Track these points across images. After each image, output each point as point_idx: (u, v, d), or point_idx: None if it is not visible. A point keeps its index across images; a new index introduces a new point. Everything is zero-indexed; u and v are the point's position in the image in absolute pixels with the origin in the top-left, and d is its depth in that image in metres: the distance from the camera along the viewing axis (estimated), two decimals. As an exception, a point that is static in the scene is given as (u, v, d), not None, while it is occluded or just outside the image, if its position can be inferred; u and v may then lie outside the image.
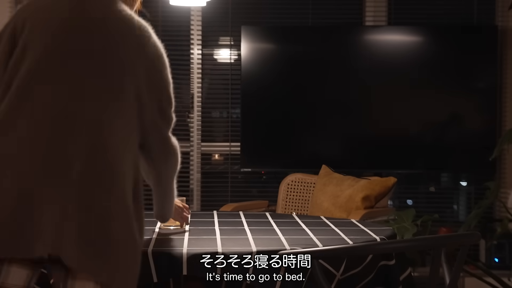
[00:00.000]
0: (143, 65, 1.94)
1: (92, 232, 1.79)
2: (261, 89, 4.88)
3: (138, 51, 1.94)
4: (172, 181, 2.22)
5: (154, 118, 2.00)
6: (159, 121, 2.02)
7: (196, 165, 5.04)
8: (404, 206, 5.09)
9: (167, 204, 2.27)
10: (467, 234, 2.40)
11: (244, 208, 4.29)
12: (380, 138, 4.89)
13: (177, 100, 5.08)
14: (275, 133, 4.91)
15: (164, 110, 2.03)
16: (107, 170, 1.83)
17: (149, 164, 2.11)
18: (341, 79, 4.89)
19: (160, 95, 2.00)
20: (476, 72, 4.88)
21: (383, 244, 2.35)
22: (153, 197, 2.26)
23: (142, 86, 1.94)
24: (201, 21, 5.04)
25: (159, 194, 2.24)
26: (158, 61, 1.98)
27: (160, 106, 2.01)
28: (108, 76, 1.89)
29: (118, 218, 1.83)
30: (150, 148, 2.05)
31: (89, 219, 1.79)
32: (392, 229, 2.88)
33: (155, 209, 2.31)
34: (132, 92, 1.92)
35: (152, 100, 1.97)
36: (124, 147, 1.89)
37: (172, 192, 2.25)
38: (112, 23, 1.93)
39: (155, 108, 1.99)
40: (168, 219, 2.34)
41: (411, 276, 2.58)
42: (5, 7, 4.87)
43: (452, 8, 5.13)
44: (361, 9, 5.12)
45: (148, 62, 1.95)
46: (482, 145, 4.76)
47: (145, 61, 1.95)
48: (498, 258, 4.74)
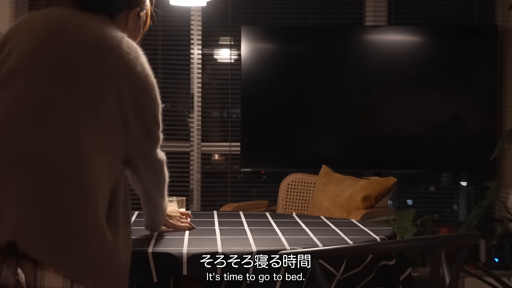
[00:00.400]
0: (129, 82, 1.94)
1: (55, 226, 1.78)
2: (261, 89, 4.88)
3: (125, 68, 1.93)
4: (160, 195, 2.23)
5: (138, 136, 1.99)
6: (144, 141, 2.02)
7: (196, 165, 5.04)
8: (404, 206, 5.09)
9: (157, 214, 2.29)
10: (467, 234, 2.40)
11: (244, 208, 4.29)
12: (380, 138, 4.89)
13: (177, 100, 5.12)
14: (275, 133, 4.91)
15: (151, 131, 2.03)
16: (77, 167, 1.82)
17: (137, 180, 2.14)
18: (341, 79, 4.90)
19: (147, 114, 1.99)
20: (476, 72, 4.88)
21: (383, 244, 2.35)
22: (142, 207, 2.27)
23: (127, 102, 1.93)
24: (201, 21, 5.04)
25: (147, 206, 2.26)
26: (146, 80, 1.98)
27: (146, 126, 2.00)
28: (88, 83, 1.89)
29: (85, 215, 1.81)
30: (135, 167, 2.06)
31: (52, 213, 1.78)
32: (392, 229, 2.88)
33: (145, 220, 2.32)
34: (113, 102, 1.90)
35: (137, 118, 1.96)
36: (98, 150, 1.87)
37: (162, 204, 2.26)
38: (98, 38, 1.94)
39: (139, 127, 1.98)
40: (158, 229, 2.36)
41: (411, 276, 2.58)
42: (5, 7, 4.87)
43: (452, 8, 5.13)
44: (361, 9, 5.12)
45: (135, 80, 1.95)
46: (482, 145, 4.77)
47: (132, 79, 1.94)
48: (498, 258, 4.74)
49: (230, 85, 5.08)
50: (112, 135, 1.92)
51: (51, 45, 1.92)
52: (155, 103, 2.02)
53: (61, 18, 1.98)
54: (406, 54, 4.90)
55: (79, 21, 1.97)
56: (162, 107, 2.10)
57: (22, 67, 1.90)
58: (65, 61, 1.90)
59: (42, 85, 1.87)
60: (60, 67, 1.90)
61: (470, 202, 5.12)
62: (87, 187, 1.83)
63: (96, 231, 1.83)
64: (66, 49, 1.91)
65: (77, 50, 1.91)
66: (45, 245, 1.78)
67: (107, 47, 1.93)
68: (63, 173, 1.81)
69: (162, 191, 2.23)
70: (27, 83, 1.88)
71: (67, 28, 1.95)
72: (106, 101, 1.90)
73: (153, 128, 2.04)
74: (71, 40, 1.92)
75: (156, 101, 2.02)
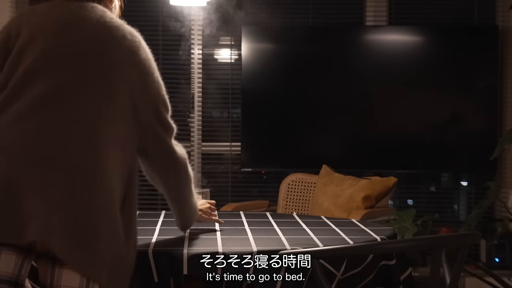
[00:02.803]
0: (136, 68, 1.98)
1: (78, 226, 1.80)
2: (262, 89, 4.88)
3: (131, 55, 1.98)
4: (187, 192, 2.23)
5: (149, 120, 2.02)
6: (156, 125, 2.04)
7: (197, 165, 5.04)
8: (404, 206, 5.09)
9: (187, 214, 2.30)
10: (467, 234, 2.40)
11: (245, 208, 4.29)
12: (381, 138, 4.89)
13: (177, 100, 5.12)
14: (275, 133, 4.91)
15: (160, 113, 2.05)
16: (94, 168, 1.85)
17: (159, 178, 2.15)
18: (341, 79, 4.89)
19: (155, 96, 2.04)
20: (476, 72, 4.88)
21: (383, 244, 2.35)
22: (171, 209, 2.28)
23: (136, 89, 1.98)
24: (202, 21, 5.04)
25: (176, 208, 2.27)
26: (149, 64, 2.03)
27: (156, 108, 2.04)
28: (101, 79, 1.93)
29: (103, 215, 1.84)
30: (152, 157, 2.08)
31: (75, 212, 1.81)
32: (393, 229, 2.88)
33: (176, 221, 2.33)
34: (126, 94, 1.95)
35: (146, 102, 2.01)
36: (115, 147, 1.90)
37: (190, 202, 2.27)
38: (104, 29, 1.98)
39: (150, 110, 2.02)
40: (188, 227, 2.37)
41: (412, 276, 2.58)
42: (6, 6, 4.87)
43: (453, 8, 5.13)
44: (361, 9, 5.12)
45: (140, 65, 2.00)
46: (483, 145, 4.77)
47: (138, 65, 1.99)
48: (498, 258, 4.74)
49: (230, 85, 5.09)
50: (124, 125, 1.95)
51: (63, 43, 1.94)
52: (159, 85, 2.06)
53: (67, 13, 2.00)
54: (407, 54, 4.90)
55: (83, 14, 1.99)
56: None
57: (38, 67, 1.91)
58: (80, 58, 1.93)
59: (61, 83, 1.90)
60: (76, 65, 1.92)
61: (471, 202, 5.12)
62: (106, 184, 1.86)
63: (112, 230, 1.86)
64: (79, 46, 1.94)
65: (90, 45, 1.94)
66: (68, 244, 1.79)
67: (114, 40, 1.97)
68: (84, 172, 1.84)
69: (187, 185, 2.21)
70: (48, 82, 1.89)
71: (76, 23, 1.97)
72: (119, 95, 1.93)
73: (162, 109, 2.06)
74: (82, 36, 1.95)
75: (160, 83, 2.07)
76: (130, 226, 1.94)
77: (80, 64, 1.92)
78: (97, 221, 1.82)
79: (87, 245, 1.81)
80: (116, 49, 1.96)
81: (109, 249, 1.84)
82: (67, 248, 1.79)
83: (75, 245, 1.80)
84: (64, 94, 1.89)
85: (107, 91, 1.92)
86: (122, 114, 1.94)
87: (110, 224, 1.85)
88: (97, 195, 1.83)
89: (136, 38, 2.01)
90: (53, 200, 1.80)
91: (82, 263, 1.81)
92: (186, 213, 2.31)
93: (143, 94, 1.99)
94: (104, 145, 1.87)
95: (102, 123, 1.89)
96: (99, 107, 1.90)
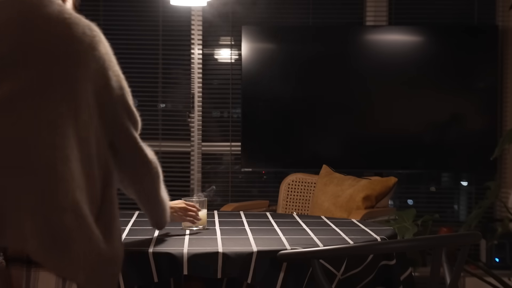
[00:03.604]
0: (97, 64, 1.96)
1: (50, 227, 1.79)
2: (262, 89, 4.89)
3: (92, 51, 1.96)
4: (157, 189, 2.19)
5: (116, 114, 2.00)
6: (124, 119, 2.02)
7: (197, 165, 5.04)
8: (404, 206, 5.09)
9: (159, 212, 2.25)
10: (467, 234, 2.40)
11: (245, 208, 4.29)
12: (381, 138, 4.89)
13: (177, 100, 5.12)
14: (275, 133, 4.91)
15: (127, 106, 2.03)
16: (57, 170, 1.83)
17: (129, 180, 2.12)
18: (341, 79, 4.90)
19: (118, 90, 2.01)
20: (476, 72, 4.88)
21: (383, 244, 2.35)
22: (142, 209, 2.24)
23: (99, 86, 1.95)
24: (202, 21, 5.04)
25: (147, 208, 2.23)
26: (109, 59, 2.01)
27: (122, 102, 2.02)
28: (64, 79, 1.90)
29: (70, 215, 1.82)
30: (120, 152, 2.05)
31: (45, 214, 1.80)
32: (393, 229, 2.88)
33: (149, 219, 2.29)
34: (89, 92, 1.93)
35: (111, 97, 1.98)
36: (81, 147, 1.88)
37: (162, 201, 2.23)
38: (64, 26, 1.95)
39: (115, 105, 2.00)
40: (164, 226, 2.32)
41: (412, 276, 2.58)
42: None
43: (453, 8, 5.13)
44: (361, 9, 5.13)
45: (101, 61, 1.98)
46: (483, 145, 4.77)
47: (99, 60, 1.97)
48: (498, 258, 4.74)
49: (230, 85, 5.09)
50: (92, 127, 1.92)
51: (27, 42, 1.91)
52: (120, 77, 2.03)
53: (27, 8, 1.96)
54: (407, 54, 4.90)
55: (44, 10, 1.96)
56: (162, 107, 2.10)
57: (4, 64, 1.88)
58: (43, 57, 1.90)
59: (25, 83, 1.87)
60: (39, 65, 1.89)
61: (471, 202, 5.12)
62: (70, 185, 1.83)
63: (85, 229, 1.83)
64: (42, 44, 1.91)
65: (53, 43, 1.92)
66: (43, 246, 1.78)
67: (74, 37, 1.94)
68: (47, 174, 1.82)
69: (159, 183, 2.18)
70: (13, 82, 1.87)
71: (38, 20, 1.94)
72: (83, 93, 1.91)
73: (129, 104, 2.04)
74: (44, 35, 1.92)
75: (121, 76, 2.04)
76: (111, 224, 1.92)
77: (43, 64, 1.89)
78: (66, 222, 1.80)
79: (61, 246, 1.80)
80: (78, 47, 1.93)
81: (85, 248, 1.82)
82: (42, 250, 1.78)
83: (49, 247, 1.78)
84: (28, 95, 1.86)
85: (71, 92, 1.89)
86: (87, 113, 1.91)
87: (81, 223, 1.83)
88: (62, 196, 1.81)
89: (95, 33, 1.98)
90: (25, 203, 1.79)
91: (58, 264, 1.79)
92: (157, 212, 2.25)
93: (106, 90, 1.97)
94: (66, 146, 1.85)
95: (64, 124, 1.86)
96: (62, 108, 1.87)
